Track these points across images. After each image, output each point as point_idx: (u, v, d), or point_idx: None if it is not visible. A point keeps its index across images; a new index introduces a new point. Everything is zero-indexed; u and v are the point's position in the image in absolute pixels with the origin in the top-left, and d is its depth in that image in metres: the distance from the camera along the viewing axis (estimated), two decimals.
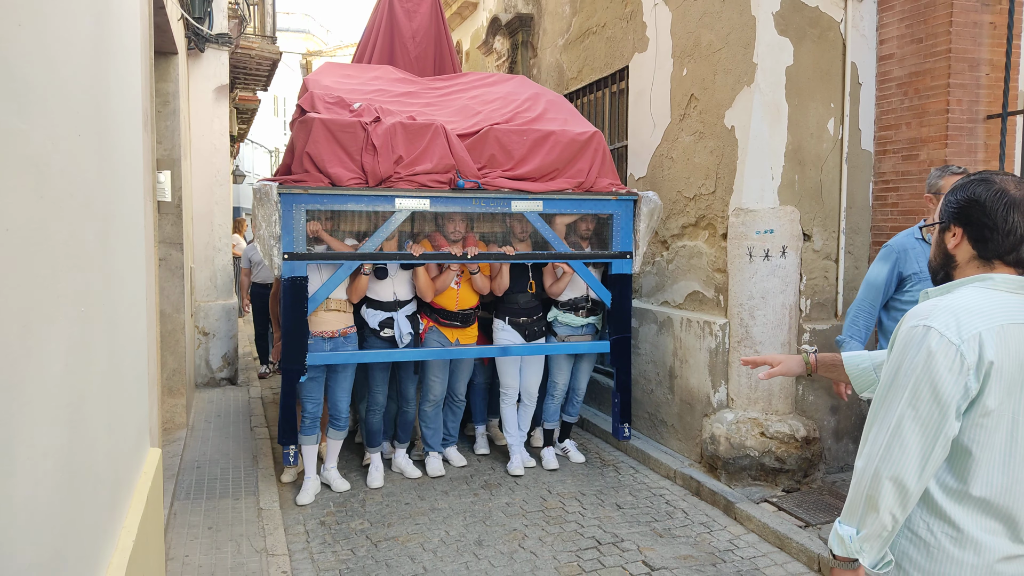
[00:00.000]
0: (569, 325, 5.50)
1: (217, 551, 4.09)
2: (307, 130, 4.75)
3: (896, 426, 1.66)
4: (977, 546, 1.66)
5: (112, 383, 2.38)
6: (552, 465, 5.51)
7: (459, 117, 5.47)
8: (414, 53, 6.82)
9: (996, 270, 1.72)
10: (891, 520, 1.68)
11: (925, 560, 1.71)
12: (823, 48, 5.01)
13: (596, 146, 5.32)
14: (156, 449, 3.49)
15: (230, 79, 9.00)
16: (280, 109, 33.28)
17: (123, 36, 2.86)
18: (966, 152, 4.70)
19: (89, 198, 2.05)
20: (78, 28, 1.98)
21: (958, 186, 1.78)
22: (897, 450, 1.65)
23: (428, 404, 5.38)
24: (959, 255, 1.77)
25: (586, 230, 5.45)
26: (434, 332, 5.29)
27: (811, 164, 5.02)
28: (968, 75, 4.69)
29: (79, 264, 1.92)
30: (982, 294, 1.69)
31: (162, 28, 5.19)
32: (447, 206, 4.93)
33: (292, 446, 4.94)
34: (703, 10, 5.39)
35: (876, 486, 1.67)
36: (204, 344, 8.10)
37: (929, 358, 1.62)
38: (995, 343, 1.62)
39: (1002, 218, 1.69)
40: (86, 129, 2.04)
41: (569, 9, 7.68)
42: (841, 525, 1.76)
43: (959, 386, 1.61)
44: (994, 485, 1.66)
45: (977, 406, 1.64)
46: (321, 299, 4.81)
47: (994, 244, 1.71)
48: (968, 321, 1.63)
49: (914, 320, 1.69)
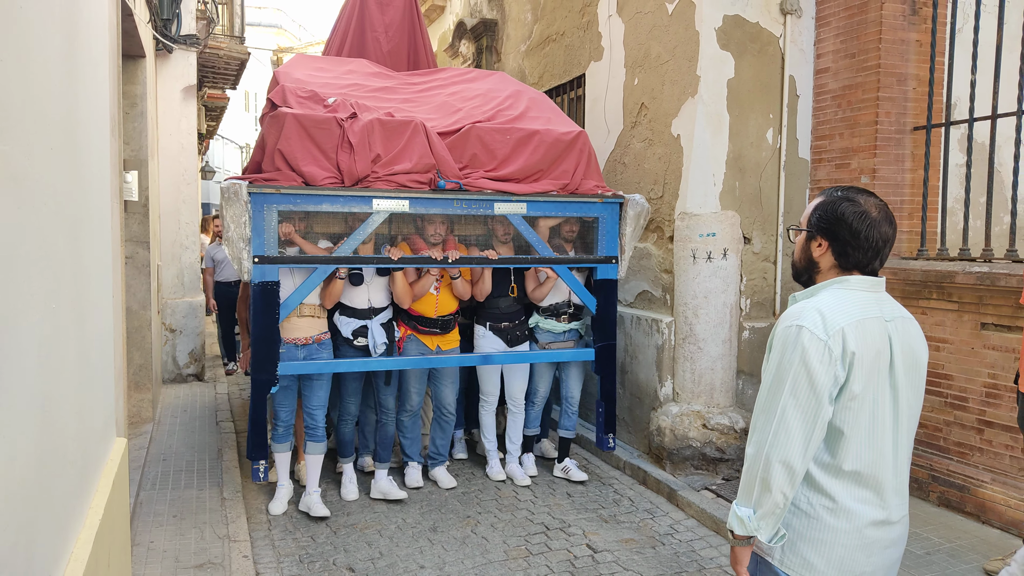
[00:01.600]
0: (551, 331, 5.31)
1: (181, 537, 4.27)
2: (279, 126, 4.50)
3: (781, 415, 1.90)
4: (849, 514, 1.93)
5: (80, 374, 2.57)
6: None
7: (439, 114, 5.22)
8: (387, 47, 6.55)
9: (852, 275, 2.00)
10: (783, 498, 1.91)
11: (807, 529, 1.96)
12: (763, 62, 5.31)
13: (581, 146, 5.12)
14: (122, 439, 3.67)
15: (198, 78, 9.12)
16: (251, 105, 33.14)
17: (91, 49, 3.04)
18: (894, 161, 5.03)
19: (60, 203, 2.25)
20: (50, 48, 2.17)
21: (827, 201, 2.01)
22: (783, 436, 1.89)
23: (405, 414, 5.14)
24: (822, 262, 2.03)
25: (570, 232, 5.25)
26: (412, 340, 5.04)
27: (751, 171, 5.31)
28: (896, 89, 5.01)
29: (50, 264, 2.11)
30: (842, 295, 1.96)
31: (130, 33, 5.34)
32: (427, 208, 4.71)
33: (262, 461, 4.64)
34: (652, 23, 5.66)
35: (768, 469, 1.90)
36: (171, 341, 8.22)
37: (803, 353, 1.87)
38: (855, 336, 1.88)
39: (864, 237, 1.95)
40: (57, 142, 2.23)
41: (531, 16, 7.92)
42: (739, 507, 1.98)
43: (830, 375, 1.87)
44: (863, 459, 1.93)
45: (845, 392, 1.90)
46: (293, 305, 4.56)
47: (854, 258, 1.98)
48: (832, 319, 1.89)
49: (788, 321, 1.94)
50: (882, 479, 1.95)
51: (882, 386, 1.94)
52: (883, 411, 1.95)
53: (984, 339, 4.43)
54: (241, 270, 4.39)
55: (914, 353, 2.00)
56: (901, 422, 1.98)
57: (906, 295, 4.84)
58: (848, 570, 1.95)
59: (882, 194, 5.02)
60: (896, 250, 5.06)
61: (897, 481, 1.99)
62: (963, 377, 4.55)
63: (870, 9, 5.00)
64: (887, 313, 1.98)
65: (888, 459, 1.96)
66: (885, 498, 1.96)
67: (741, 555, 2.00)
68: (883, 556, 1.98)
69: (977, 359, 4.47)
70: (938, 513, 4.55)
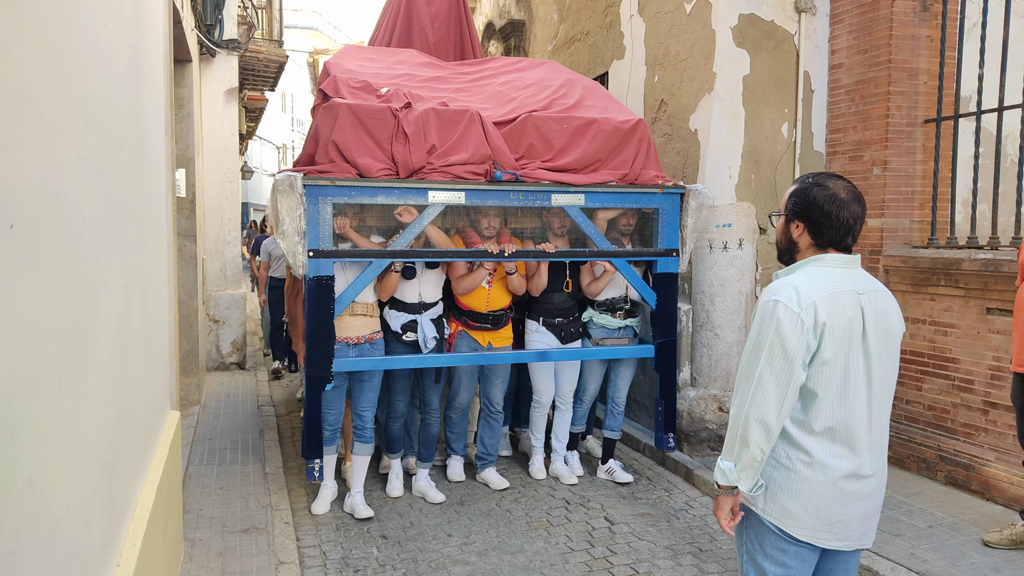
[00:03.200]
0: (606, 327, 5.11)
1: (228, 506, 4.62)
2: (333, 117, 4.39)
3: (758, 379, 2.13)
4: (824, 467, 2.16)
5: (144, 348, 2.91)
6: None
7: (492, 104, 5.09)
8: (433, 39, 6.45)
9: (828, 252, 2.24)
10: (760, 453, 2.14)
11: (786, 480, 2.19)
12: (778, 58, 5.50)
13: (641, 135, 4.97)
14: (176, 412, 4.02)
15: (239, 81, 9.53)
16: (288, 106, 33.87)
17: (151, 56, 3.38)
18: (905, 153, 5.19)
19: (131, 195, 2.58)
20: (122, 56, 2.49)
21: (800, 188, 2.27)
22: (760, 397, 2.12)
23: (454, 411, 5.06)
24: (801, 243, 2.27)
25: (626, 226, 5.06)
26: (464, 336, 4.90)
27: (766, 164, 5.52)
28: (907, 83, 5.18)
29: (124, 249, 2.44)
30: (817, 271, 2.19)
31: (178, 39, 5.72)
32: (483, 200, 4.57)
33: (317, 460, 4.55)
34: (671, 23, 5.88)
35: (747, 427, 2.14)
36: (215, 331, 8.65)
37: (779, 324, 2.10)
38: (827, 308, 2.11)
39: (835, 217, 2.18)
40: (128, 139, 2.56)
41: (557, 17, 8.18)
42: (722, 461, 2.22)
43: (802, 344, 2.09)
44: (835, 417, 2.15)
45: (817, 358, 2.12)
46: (348, 301, 4.45)
47: (828, 236, 2.22)
48: (806, 293, 2.12)
49: (767, 296, 2.18)
50: (855, 436, 2.16)
51: (855, 352, 2.15)
52: (856, 375, 2.16)
53: (989, 323, 4.59)
54: (296, 264, 4.26)
55: (887, 322, 2.22)
56: (874, 385, 2.19)
57: (916, 282, 5.01)
58: (824, 518, 2.19)
59: (893, 185, 5.19)
60: (907, 239, 5.23)
61: (871, 438, 2.20)
62: (969, 360, 4.71)
63: (881, 6, 5.17)
64: (860, 287, 2.19)
65: (862, 418, 2.17)
66: (858, 453, 2.17)
67: (723, 503, 2.26)
68: (858, 507, 2.21)
69: (983, 343, 4.63)
70: (945, 491, 4.72)
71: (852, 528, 2.22)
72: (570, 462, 5.34)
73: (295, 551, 4.05)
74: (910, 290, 5.08)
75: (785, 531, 2.21)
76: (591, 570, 3.97)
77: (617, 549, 4.22)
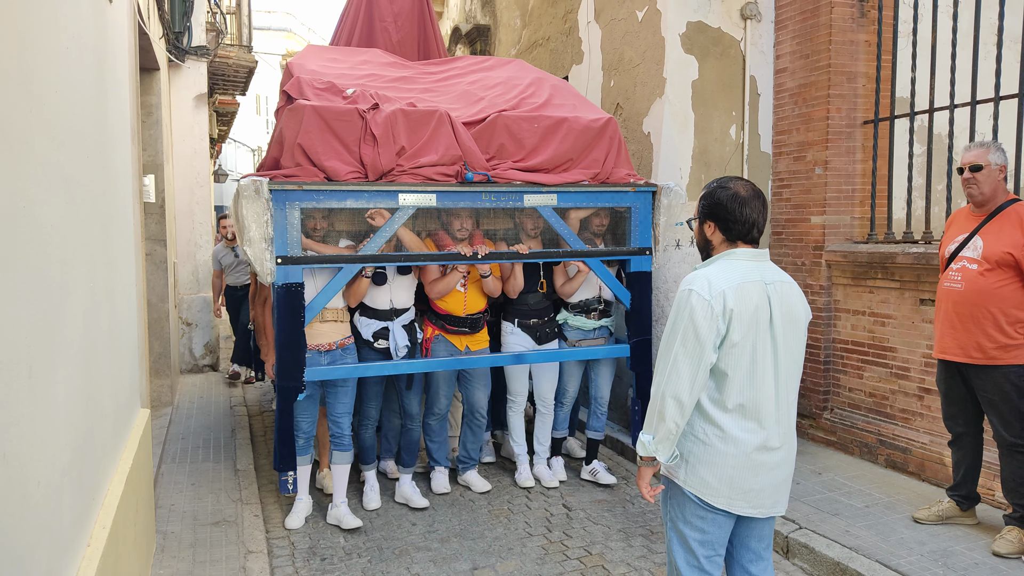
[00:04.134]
0: (581, 328, 5.11)
1: (199, 501, 4.78)
2: (298, 119, 4.31)
3: (673, 360, 2.36)
4: (736, 441, 2.40)
5: (111, 341, 3.08)
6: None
7: (461, 104, 5.03)
8: (396, 37, 6.34)
9: (738, 247, 2.48)
10: (675, 426, 2.37)
11: (703, 453, 2.42)
12: (725, 63, 5.75)
13: (611, 133, 4.97)
14: (146, 410, 4.18)
15: (209, 86, 9.66)
16: (262, 108, 33.77)
17: (115, 69, 3.54)
18: (845, 153, 5.46)
19: (95, 202, 2.75)
20: (86, 70, 2.66)
21: (707, 192, 2.54)
22: (675, 376, 2.35)
23: (433, 417, 4.96)
24: (714, 240, 2.53)
25: (599, 226, 5.06)
26: (440, 341, 4.84)
27: (716, 165, 5.77)
28: (846, 86, 5.44)
29: (90, 254, 2.61)
30: (728, 263, 2.45)
31: (145, 48, 5.85)
32: (455, 201, 4.52)
33: (291, 472, 4.44)
34: (625, 30, 6.12)
35: (663, 403, 2.36)
36: (187, 333, 8.77)
37: (691, 311, 2.34)
38: (735, 296, 2.35)
39: (739, 213, 2.44)
40: (92, 149, 2.73)
41: (520, 22, 8.40)
42: (643, 434, 2.46)
43: (712, 328, 2.33)
44: (745, 395, 2.39)
45: (727, 341, 2.36)
46: (319, 308, 4.35)
47: (735, 231, 2.47)
48: (716, 283, 2.36)
49: (684, 286, 2.43)
50: (764, 412, 2.40)
51: (762, 336, 2.39)
52: (763, 357, 2.40)
53: (923, 314, 4.86)
54: (263, 272, 4.15)
55: (792, 310, 2.46)
56: (781, 366, 2.43)
57: (856, 276, 5.28)
58: (738, 487, 2.43)
59: (834, 184, 5.46)
60: (848, 235, 5.50)
61: (779, 413, 2.43)
62: (906, 349, 4.98)
63: (821, 13, 5.43)
64: (768, 277, 2.44)
65: (770, 395, 2.41)
66: (767, 427, 2.41)
67: (644, 473, 2.50)
68: (770, 476, 2.46)
69: (917, 332, 4.90)
70: (884, 474, 4.99)
71: (764, 496, 2.46)
72: (554, 467, 5.29)
73: (264, 541, 4.23)
74: (851, 283, 5.35)
75: (704, 500, 2.45)
76: (547, 552, 4.19)
77: (573, 533, 4.43)
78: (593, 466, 5.26)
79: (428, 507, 4.76)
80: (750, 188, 2.47)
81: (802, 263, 5.66)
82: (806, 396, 5.66)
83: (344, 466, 4.57)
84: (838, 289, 5.48)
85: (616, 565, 4.04)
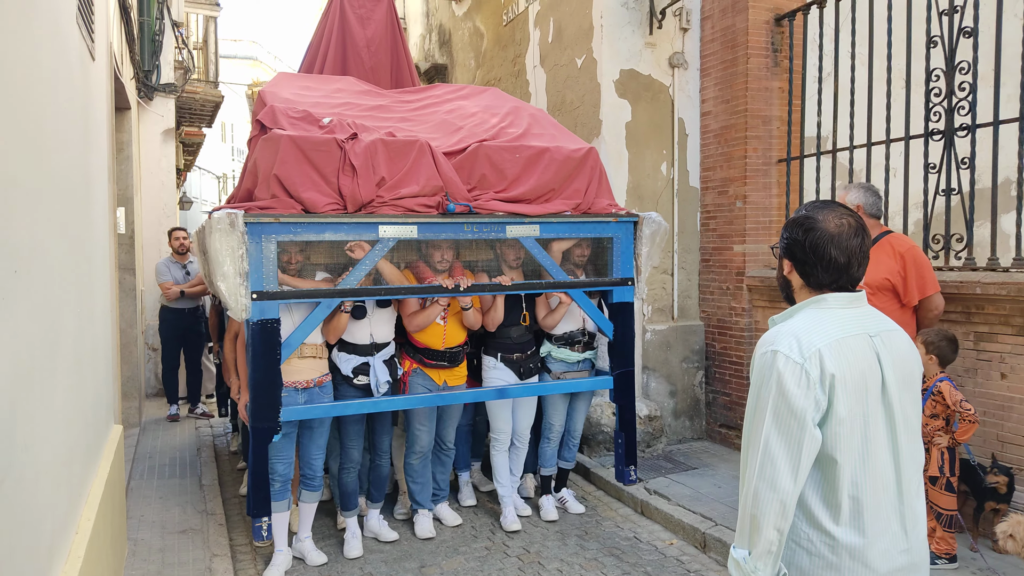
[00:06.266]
0: (564, 361, 5.02)
1: (166, 512, 5.13)
2: (274, 149, 4.17)
3: (764, 446, 1.76)
4: (851, 549, 1.79)
5: (92, 358, 3.47)
6: (551, 516, 5.04)
7: (440, 133, 4.92)
8: (369, 64, 6.22)
9: (826, 292, 1.89)
10: (776, 534, 1.75)
11: (811, 567, 1.81)
12: (656, 107, 6.33)
13: (593, 164, 4.93)
14: (119, 426, 4.55)
15: (176, 119, 10.04)
16: (228, 136, 34.02)
17: (97, 116, 3.96)
18: (762, 188, 6.05)
19: (80, 234, 3.17)
20: (75, 124, 3.09)
21: (790, 221, 1.98)
22: (769, 467, 1.75)
23: (414, 456, 4.77)
24: (794, 281, 1.96)
25: (580, 256, 4.98)
26: (418, 375, 4.68)
27: (649, 198, 6.31)
28: (762, 128, 6.04)
29: (77, 280, 3.03)
30: (817, 314, 1.86)
31: (118, 90, 6.25)
32: (436, 233, 4.43)
33: (265, 518, 4.20)
34: (566, 75, 6.68)
35: (757, 504, 1.75)
36: (153, 359, 9.06)
37: (779, 378, 1.75)
38: (833, 357, 1.76)
39: (821, 256, 1.86)
40: (80, 193, 3.16)
41: (474, 63, 8.95)
42: (735, 549, 1.82)
43: (810, 399, 1.74)
44: (860, 487, 1.79)
45: (831, 417, 1.76)
46: (296, 344, 4.18)
47: (818, 278, 1.89)
48: (808, 340, 1.78)
49: (764, 347, 1.83)
50: (884, 508, 1.82)
51: (874, 407, 1.82)
52: (877, 433, 1.83)
53: None
54: (237, 308, 3.99)
55: (906, 366, 1.90)
56: (901, 445, 1.86)
57: (772, 299, 5.84)
58: None
59: (753, 216, 6.04)
60: (766, 262, 6.07)
61: (903, 507, 1.86)
62: None
63: (739, 62, 6.04)
64: (871, 328, 1.88)
65: (890, 485, 1.84)
66: (890, 529, 1.83)
67: None
68: None
69: None
70: None
71: None
72: (545, 507, 5.12)
73: (227, 546, 4.59)
74: (767, 306, 5.90)
75: None
76: (489, 552, 4.61)
77: (515, 536, 4.86)
78: (562, 494, 5.27)
79: (398, 539, 4.72)
80: (843, 222, 1.88)
81: (727, 287, 6.21)
82: (732, 409, 6.18)
83: (311, 504, 4.49)
84: (758, 311, 6.03)
85: (550, 561, 4.47)
